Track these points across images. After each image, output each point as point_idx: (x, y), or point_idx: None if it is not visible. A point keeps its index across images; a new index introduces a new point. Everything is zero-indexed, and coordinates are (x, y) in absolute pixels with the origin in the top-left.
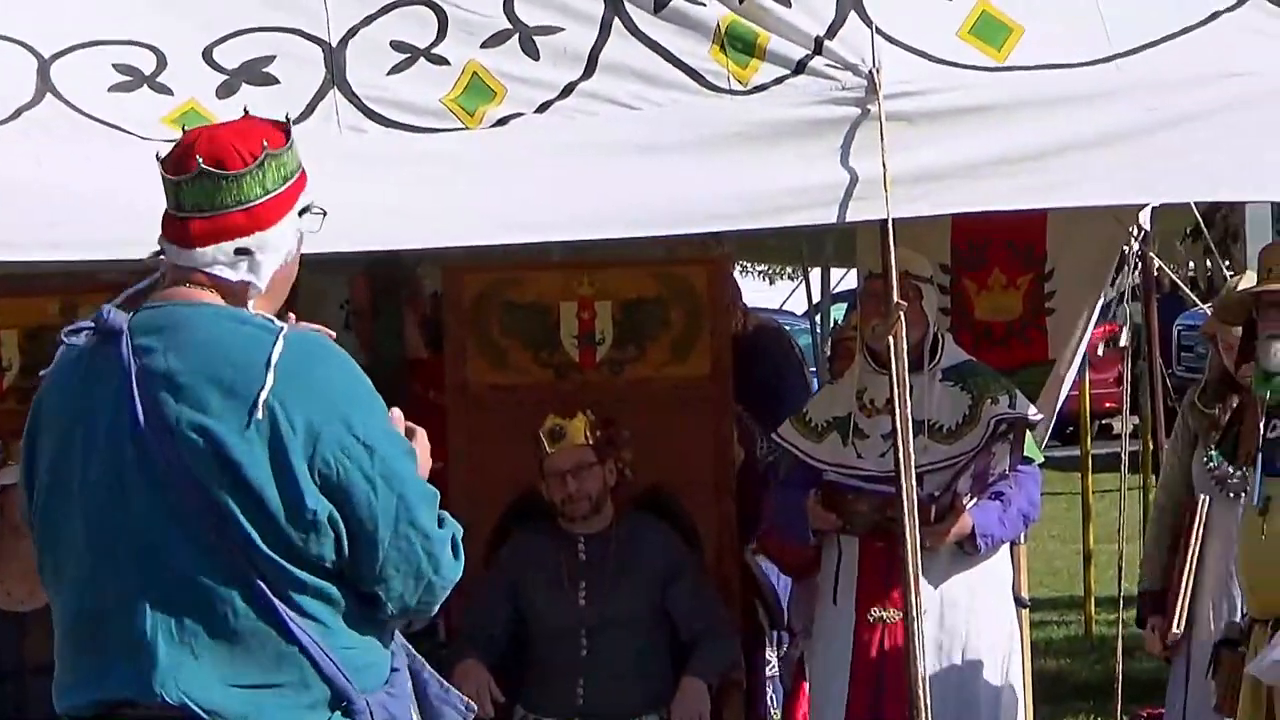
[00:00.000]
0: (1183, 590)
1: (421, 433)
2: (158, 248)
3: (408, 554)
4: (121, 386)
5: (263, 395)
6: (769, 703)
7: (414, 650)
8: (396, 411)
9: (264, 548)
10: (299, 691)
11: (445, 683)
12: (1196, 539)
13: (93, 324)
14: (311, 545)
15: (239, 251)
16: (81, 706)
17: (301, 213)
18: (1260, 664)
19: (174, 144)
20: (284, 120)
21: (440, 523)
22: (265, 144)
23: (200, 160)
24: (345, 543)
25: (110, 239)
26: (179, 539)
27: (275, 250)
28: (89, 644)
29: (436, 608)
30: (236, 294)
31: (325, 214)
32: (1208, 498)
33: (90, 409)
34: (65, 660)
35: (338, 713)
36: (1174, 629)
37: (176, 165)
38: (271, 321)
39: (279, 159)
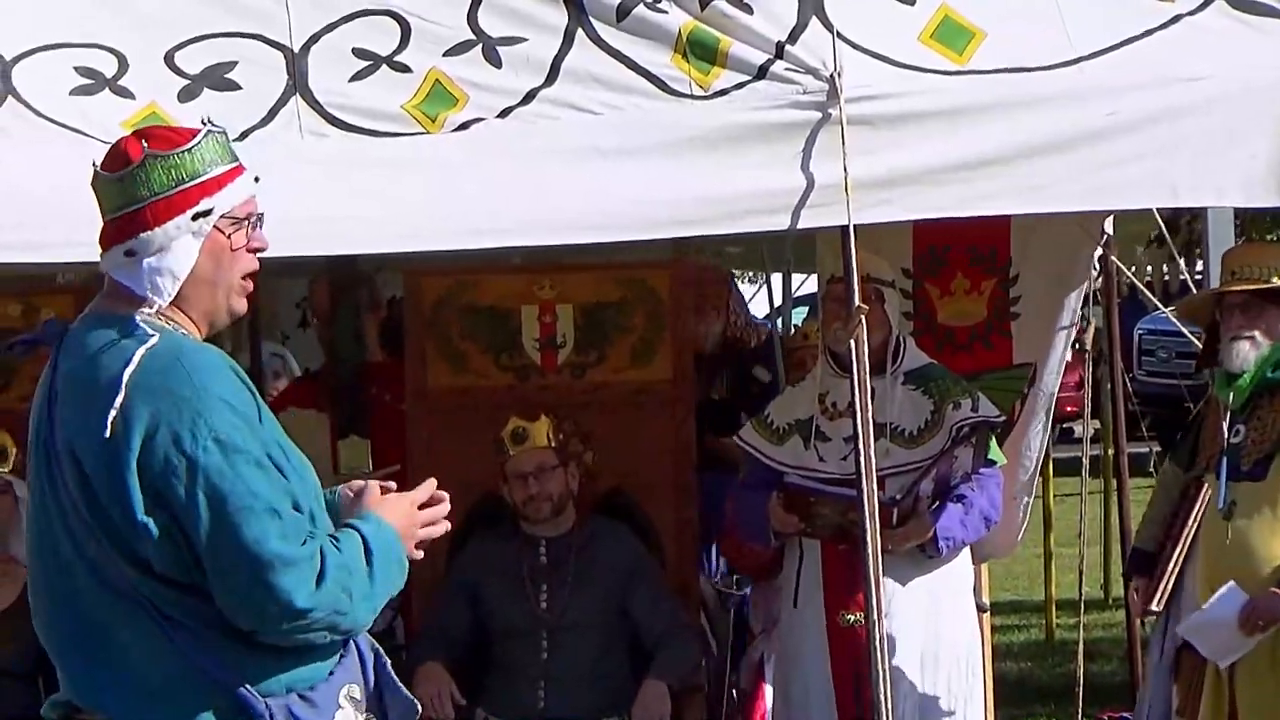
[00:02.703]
0: (1171, 566)
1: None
2: None
3: (230, 573)
4: (44, 402)
5: (111, 412)
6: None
7: (375, 643)
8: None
9: (121, 562)
10: (196, 697)
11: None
12: (1195, 521)
13: (32, 335)
14: (156, 559)
15: (127, 254)
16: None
17: (197, 216)
18: (1188, 625)
19: None
20: (202, 123)
21: (304, 541)
22: (145, 145)
23: (94, 164)
24: (189, 557)
25: (72, 242)
26: (73, 554)
27: (163, 253)
28: (49, 648)
29: (311, 634)
30: (136, 300)
31: (263, 215)
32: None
33: (35, 423)
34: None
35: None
36: (1154, 604)
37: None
38: (146, 332)
39: (166, 160)
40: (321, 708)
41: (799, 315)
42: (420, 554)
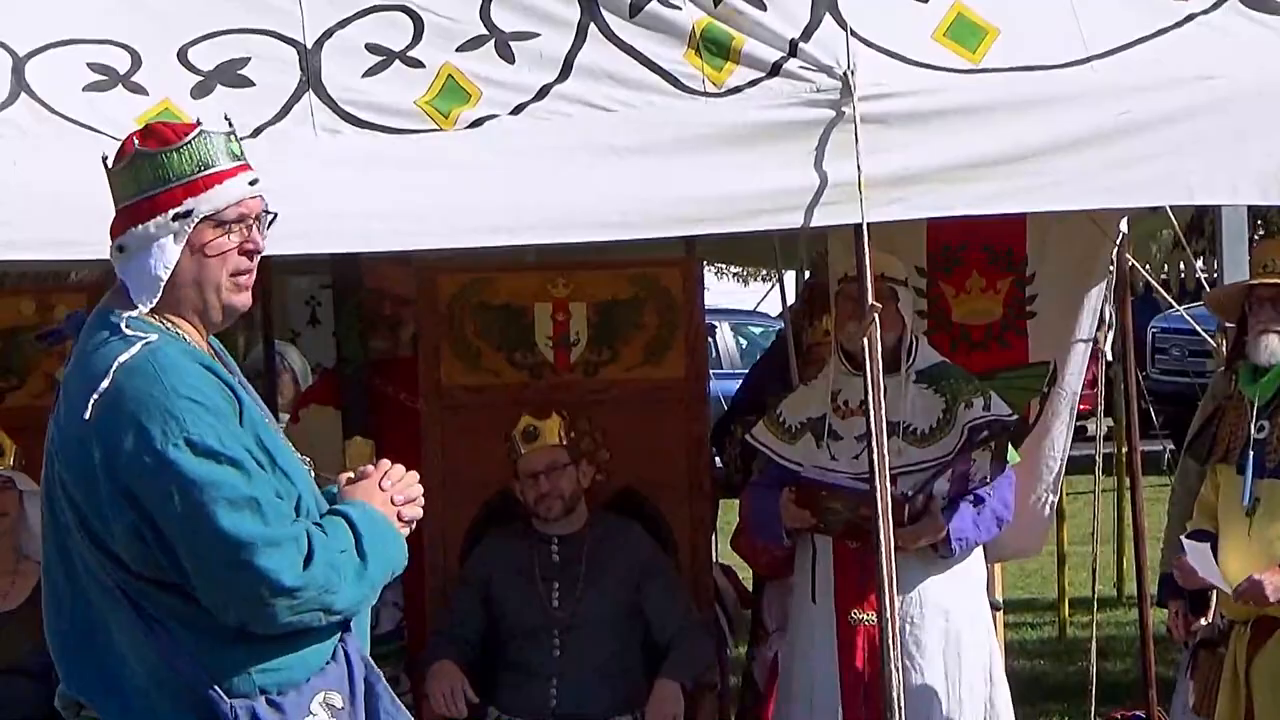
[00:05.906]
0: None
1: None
2: None
3: (212, 563)
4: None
5: (86, 412)
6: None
7: (371, 662)
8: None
9: (104, 560)
10: (172, 696)
11: (397, 699)
12: None
13: (55, 328)
14: (128, 558)
15: (119, 250)
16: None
17: (178, 217)
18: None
19: None
20: (198, 121)
21: (290, 524)
22: (137, 143)
23: (104, 158)
24: (161, 556)
25: (86, 239)
26: (56, 552)
27: (142, 251)
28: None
29: (303, 615)
30: (127, 295)
31: (273, 215)
32: None
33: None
34: None
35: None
36: (1205, 618)
37: None
38: (130, 335)
39: (153, 159)
40: (289, 713)
41: None
42: (407, 530)
